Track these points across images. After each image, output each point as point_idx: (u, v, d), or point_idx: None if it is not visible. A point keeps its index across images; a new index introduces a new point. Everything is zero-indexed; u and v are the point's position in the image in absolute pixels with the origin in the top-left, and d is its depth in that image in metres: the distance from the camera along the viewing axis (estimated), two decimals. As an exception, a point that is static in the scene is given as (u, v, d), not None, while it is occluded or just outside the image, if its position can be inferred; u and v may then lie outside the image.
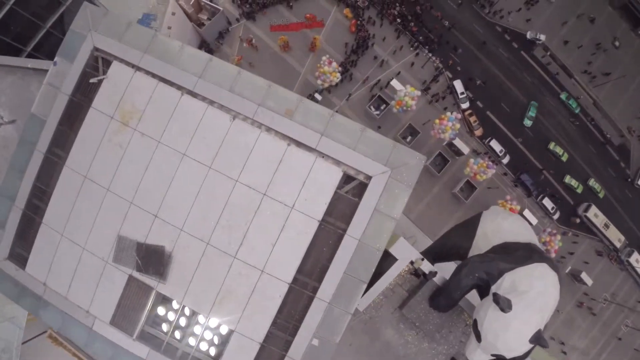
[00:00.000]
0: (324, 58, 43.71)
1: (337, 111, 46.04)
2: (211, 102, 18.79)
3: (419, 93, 41.23)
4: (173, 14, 41.15)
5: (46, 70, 27.05)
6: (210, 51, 48.35)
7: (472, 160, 42.43)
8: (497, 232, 22.67)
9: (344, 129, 18.39)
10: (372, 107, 46.86)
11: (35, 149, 20.07)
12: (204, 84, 18.63)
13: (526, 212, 46.70)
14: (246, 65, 46.93)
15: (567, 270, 49.27)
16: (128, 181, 19.09)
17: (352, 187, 18.86)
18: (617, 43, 53.24)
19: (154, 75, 19.15)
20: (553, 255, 41.85)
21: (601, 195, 49.31)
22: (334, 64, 43.47)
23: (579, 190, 48.53)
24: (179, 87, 18.94)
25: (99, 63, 20.02)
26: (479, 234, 23.39)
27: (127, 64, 19.39)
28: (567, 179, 48.41)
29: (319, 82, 43.97)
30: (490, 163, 41.64)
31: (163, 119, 18.85)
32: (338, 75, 43.66)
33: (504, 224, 22.96)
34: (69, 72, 19.97)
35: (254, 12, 49.06)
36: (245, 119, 18.58)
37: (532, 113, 48.57)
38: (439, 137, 42.46)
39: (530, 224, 47.11)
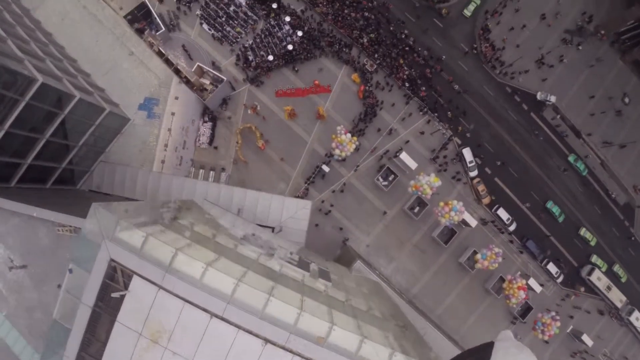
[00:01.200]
0: (339, 128, 42.78)
1: (344, 183, 45.87)
2: (241, 326, 18.48)
3: (439, 184, 40.83)
4: (176, 98, 39.67)
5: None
6: (214, 119, 47.01)
7: (479, 255, 42.70)
8: (508, 375, 23.27)
9: (375, 353, 18.31)
10: (380, 177, 46.32)
11: (63, 355, 19.76)
12: (233, 310, 18.27)
13: (531, 281, 47.38)
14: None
15: (568, 330, 50.55)
16: (164, 397, 18.98)
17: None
18: (626, 99, 52.61)
19: (178, 296, 18.68)
20: (547, 338, 43.12)
21: (624, 279, 50.72)
22: (349, 135, 42.65)
23: (604, 269, 49.71)
24: (206, 310, 18.55)
25: (117, 273, 19.43)
26: (490, 371, 23.98)
27: (149, 280, 18.87)
28: (594, 258, 49.65)
29: (337, 151, 43.03)
30: (498, 250, 41.99)
31: (193, 340, 18.61)
32: (354, 145, 42.79)
33: None
34: (86, 281, 19.39)
35: (259, 76, 47.41)
36: (277, 343, 18.37)
37: (556, 211, 49.33)
38: (437, 218, 42.53)
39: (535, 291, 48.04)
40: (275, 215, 37.03)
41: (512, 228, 48.40)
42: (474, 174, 47.70)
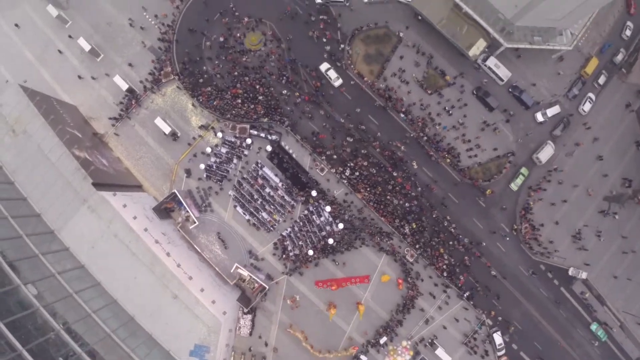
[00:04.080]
0: (405, 343, 45.39)
1: (382, 376, 47.93)
2: None
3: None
4: (227, 345, 39.34)
5: None
6: (253, 309, 46.90)
7: None
8: None
9: None
10: (416, 364, 48.35)
11: None
12: None
13: None
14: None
15: None
16: None
17: None
18: (653, 264, 53.72)
19: None
20: None
21: None
22: (409, 355, 44.60)
23: None
24: None
25: None
26: None
27: None
28: None
29: None
30: None
31: None
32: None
33: None
34: None
35: (298, 267, 46.57)
36: None
37: None
38: None
39: None
40: None
41: (532, 397, 52.02)
42: (501, 353, 49.95)
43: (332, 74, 47.83)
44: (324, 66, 48.13)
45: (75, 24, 51.56)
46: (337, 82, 47.98)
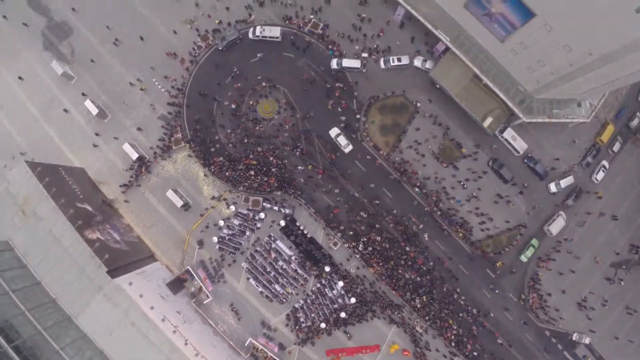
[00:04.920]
0: None
1: None
2: None
3: None
4: None
5: None
6: (265, 374, 47.95)
7: None
8: None
9: None
10: None
11: None
12: None
13: None
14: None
15: None
16: None
17: None
18: (654, 326, 55.05)
19: None
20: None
21: None
22: None
23: None
24: None
25: None
26: None
27: None
28: None
29: None
30: None
31: None
32: None
33: None
34: None
35: (310, 338, 47.30)
36: None
37: None
38: None
39: None
40: None
41: None
42: (504, 413, 51.79)
43: (342, 140, 46.96)
44: (333, 132, 47.19)
45: (80, 80, 49.92)
46: (348, 149, 47.21)
